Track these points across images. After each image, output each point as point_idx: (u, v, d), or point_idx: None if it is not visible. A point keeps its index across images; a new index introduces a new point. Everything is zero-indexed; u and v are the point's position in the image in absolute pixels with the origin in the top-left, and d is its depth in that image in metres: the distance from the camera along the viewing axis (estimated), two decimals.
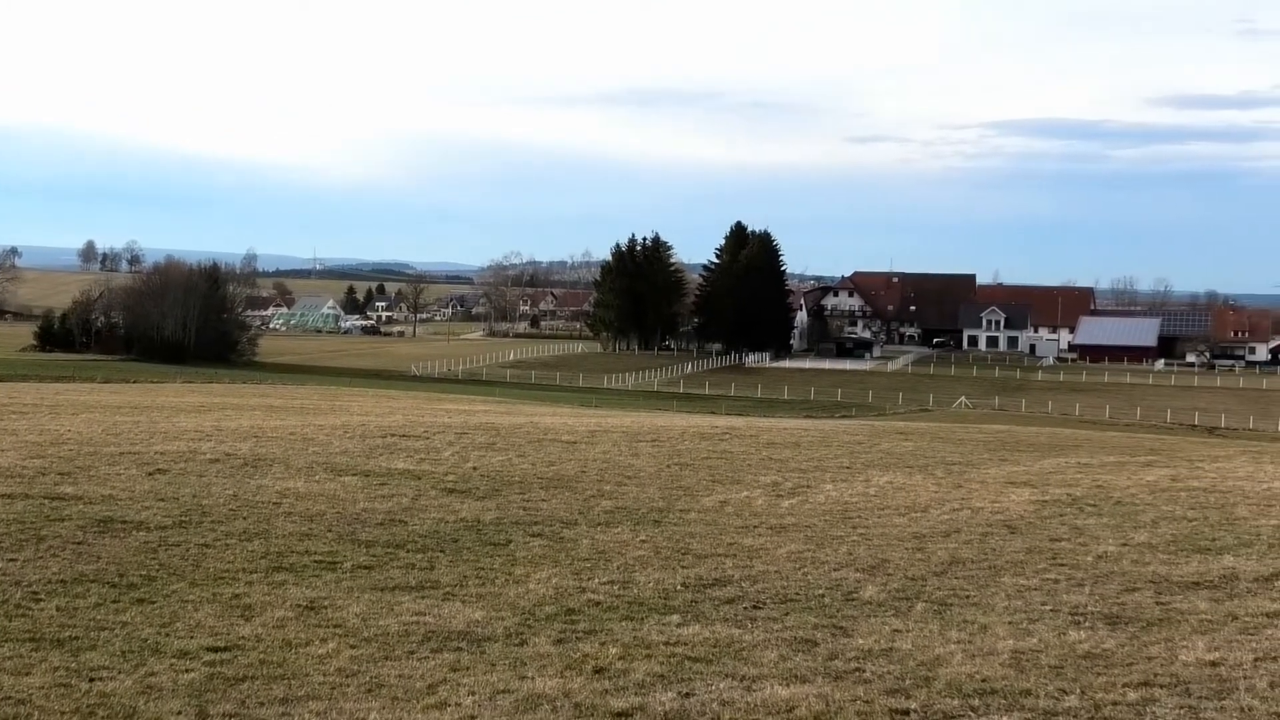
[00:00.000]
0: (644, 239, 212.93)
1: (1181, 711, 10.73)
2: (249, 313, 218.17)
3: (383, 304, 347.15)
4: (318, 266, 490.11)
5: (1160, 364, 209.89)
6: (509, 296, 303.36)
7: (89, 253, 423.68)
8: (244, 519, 19.55)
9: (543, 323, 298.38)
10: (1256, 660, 12.30)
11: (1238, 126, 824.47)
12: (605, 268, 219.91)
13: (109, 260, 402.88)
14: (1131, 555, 17.98)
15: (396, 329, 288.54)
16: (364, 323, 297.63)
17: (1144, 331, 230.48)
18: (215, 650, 12.27)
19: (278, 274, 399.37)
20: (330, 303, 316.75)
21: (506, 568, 16.66)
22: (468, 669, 11.79)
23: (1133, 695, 11.13)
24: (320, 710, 10.62)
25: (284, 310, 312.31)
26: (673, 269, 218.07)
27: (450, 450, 29.67)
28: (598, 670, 11.75)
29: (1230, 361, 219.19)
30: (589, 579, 15.95)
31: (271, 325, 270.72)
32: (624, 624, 13.52)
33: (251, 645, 12.50)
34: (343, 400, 65.85)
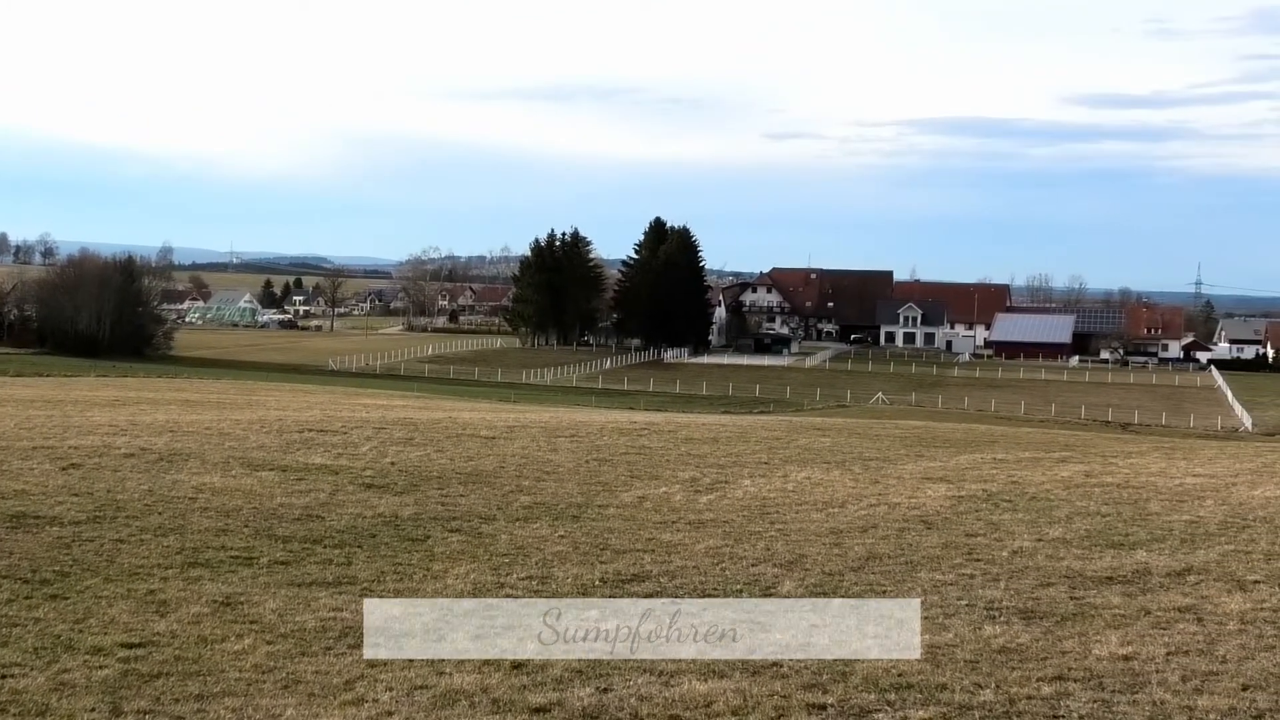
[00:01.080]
0: (563, 234, 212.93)
1: (1095, 705, 10.83)
2: (165, 306, 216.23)
3: (300, 298, 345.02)
4: (234, 260, 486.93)
5: (1075, 361, 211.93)
6: (428, 291, 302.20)
7: (1, 245, 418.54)
8: (159, 514, 19.39)
9: (461, 318, 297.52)
10: (1168, 654, 12.44)
11: (1150, 126, 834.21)
12: (524, 263, 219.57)
13: (22, 253, 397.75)
14: (1046, 550, 18.12)
15: (314, 323, 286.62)
16: (281, 317, 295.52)
17: (1059, 329, 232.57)
18: (129, 647, 12.17)
19: (194, 267, 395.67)
20: (247, 296, 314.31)
21: (425, 563, 16.62)
22: (385, 665, 11.75)
23: (1047, 689, 11.23)
24: (236, 707, 10.56)
25: (200, 304, 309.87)
26: (592, 264, 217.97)
27: (368, 445, 29.52)
28: (516, 665, 11.75)
29: (1143, 358, 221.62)
30: (507, 574, 15.93)
31: (188, 319, 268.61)
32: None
33: (166, 641, 12.41)
34: (259, 395, 65.41)
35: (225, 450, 27.63)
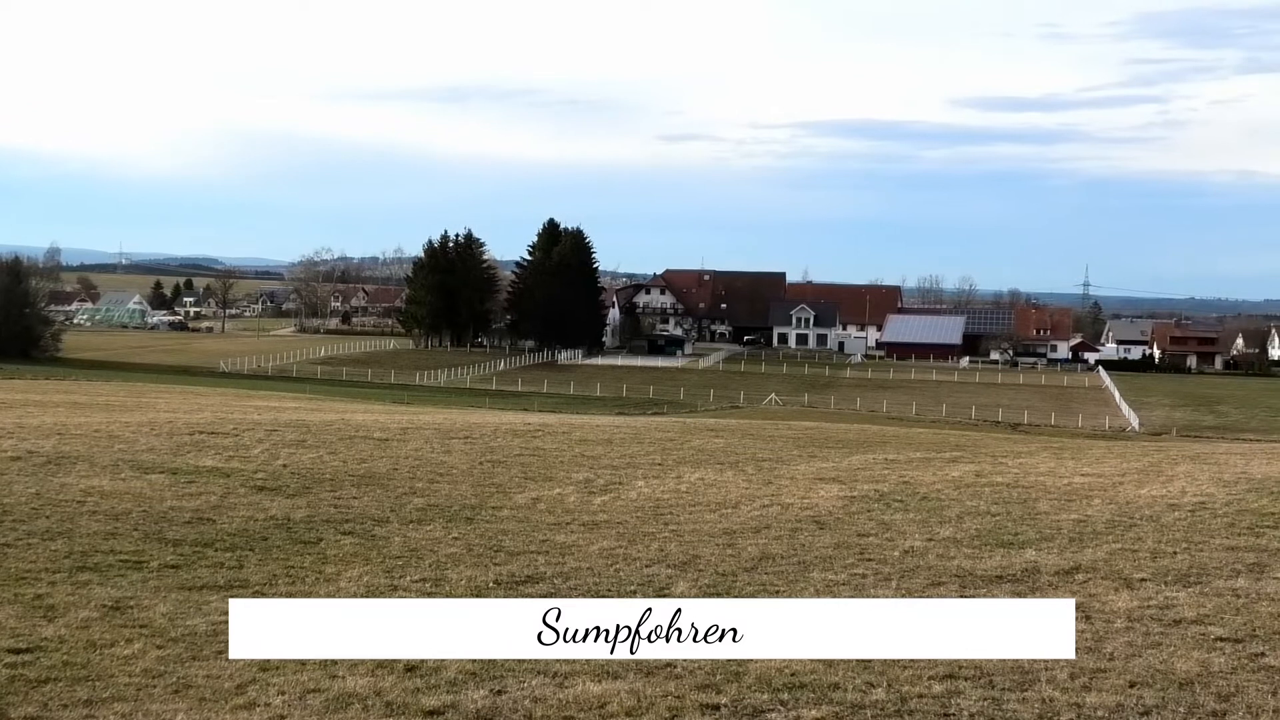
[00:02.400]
0: (457, 235, 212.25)
1: (985, 703, 10.95)
2: (52, 308, 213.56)
3: (191, 299, 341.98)
4: (124, 261, 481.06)
5: (965, 361, 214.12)
6: (320, 292, 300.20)
7: None
8: (47, 518, 19.13)
9: (355, 319, 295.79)
10: None
11: (1041, 129, 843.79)
12: (418, 264, 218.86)
13: None
14: (937, 550, 18.29)
15: (205, 325, 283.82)
16: (172, 318, 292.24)
17: (949, 329, 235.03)
18: (16, 652, 12.01)
19: (82, 268, 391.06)
20: (137, 298, 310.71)
21: (317, 566, 16.52)
22: (277, 669, 11.67)
23: (938, 687, 11.34)
24: (125, 712, 10.45)
25: (89, 305, 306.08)
26: (486, 265, 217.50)
27: (260, 448, 29.29)
28: (409, 669, 11.70)
29: (1032, 359, 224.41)
30: (400, 577, 15.87)
31: (76, 321, 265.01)
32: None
33: (54, 646, 12.25)
34: (149, 397, 64.74)
35: (114, 453, 27.30)
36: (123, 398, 61.91)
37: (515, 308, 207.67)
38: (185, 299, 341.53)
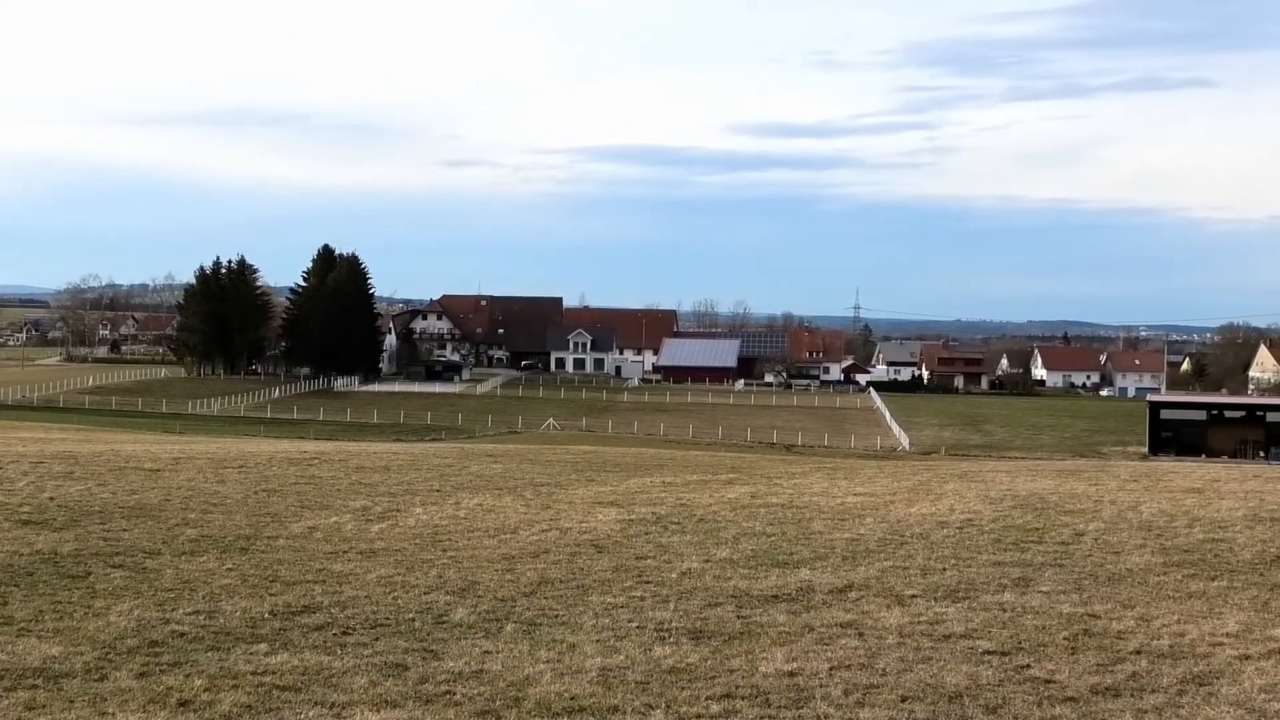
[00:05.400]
0: (230, 261, 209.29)
1: None
2: None
3: None
4: None
5: (740, 384, 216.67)
6: (88, 320, 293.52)
7: None
8: None
9: (124, 347, 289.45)
10: (831, 669, 12.79)
11: (815, 155, 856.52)
12: (189, 291, 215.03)
13: None
14: (714, 571, 18.45)
15: None
16: None
17: (725, 353, 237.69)
18: None
19: None
20: None
21: (86, 600, 16.12)
22: (44, 707, 11.37)
23: (715, 707, 11.44)
24: None
25: None
26: (260, 292, 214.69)
27: (25, 480, 28.52)
28: (182, 703, 11.48)
29: (806, 381, 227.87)
30: (173, 610, 15.55)
31: None
32: (210, 654, 13.22)
33: None
34: None
35: None
36: None
37: (290, 334, 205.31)
38: None
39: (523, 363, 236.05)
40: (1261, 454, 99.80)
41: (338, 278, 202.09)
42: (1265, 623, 15.14)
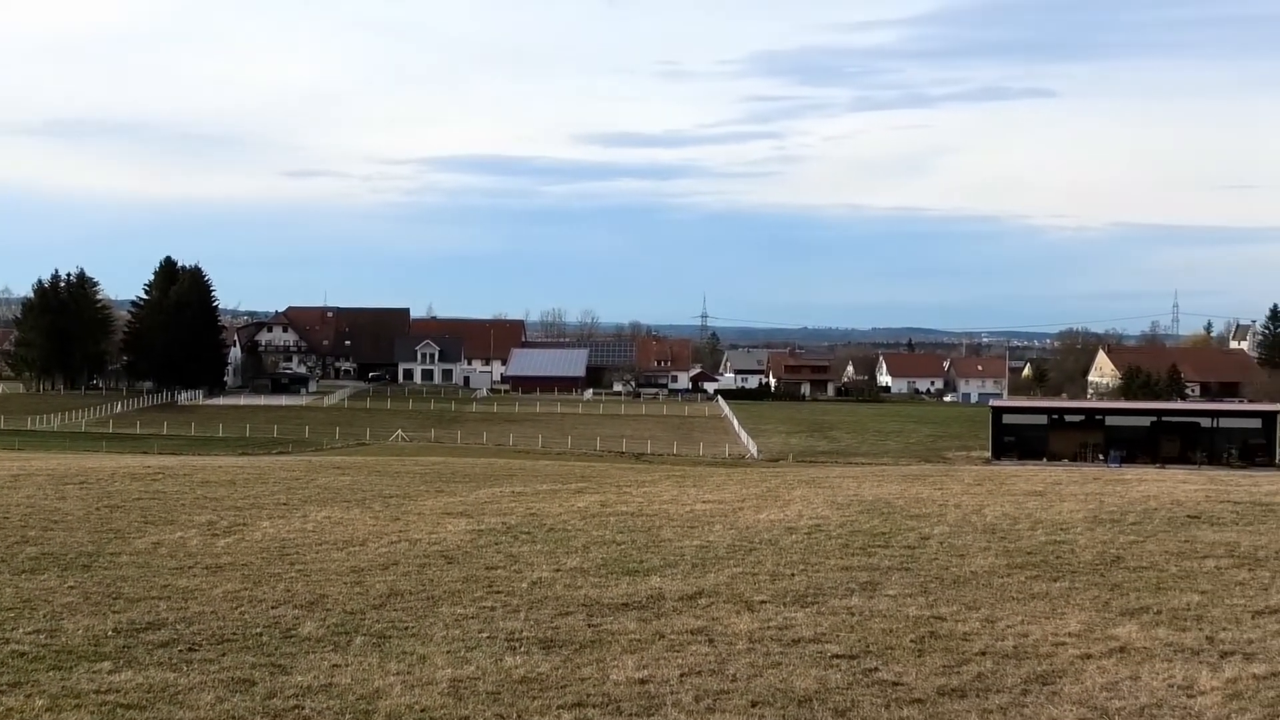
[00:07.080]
0: (69, 275, 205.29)
1: None
2: None
3: None
4: None
5: (589, 393, 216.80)
6: None
7: None
8: None
9: None
10: (682, 675, 12.85)
11: (662, 164, 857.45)
12: (27, 305, 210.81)
13: None
14: (565, 580, 18.47)
15: None
16: None
17: (573, 362, 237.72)
18: None
19: None
20: None
21: None
22: None
23: (567, 716, 11.45)
24: None
25: None
26: (100, 305, 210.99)
27: None
28: None
29: (654, 390, 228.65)
30: (12, 629, 15.24)
31: None
32: (51, 674, 12.98)
33: None
34: None
35: None
36: None
37: (132, 348, 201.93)
38: None
39: (370, 374, 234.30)
40: (1101, 457, 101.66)
41: (180, 290, 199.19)
42: (1106, 622, 15.46)
